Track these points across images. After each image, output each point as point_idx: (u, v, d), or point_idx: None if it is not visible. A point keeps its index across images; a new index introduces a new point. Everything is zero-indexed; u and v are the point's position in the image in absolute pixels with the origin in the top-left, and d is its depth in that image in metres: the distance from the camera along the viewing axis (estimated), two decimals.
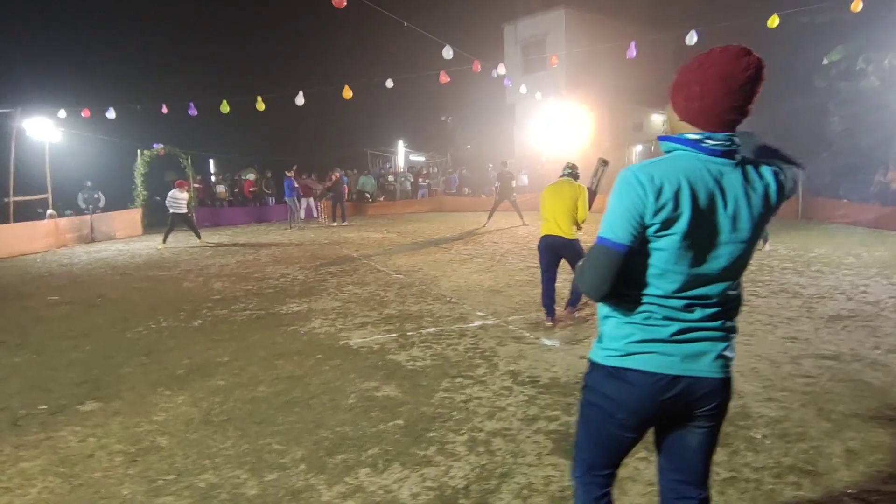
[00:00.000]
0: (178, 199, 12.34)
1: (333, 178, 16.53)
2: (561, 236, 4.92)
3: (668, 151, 1.43)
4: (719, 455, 2.79)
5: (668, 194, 1.33)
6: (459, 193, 22.48)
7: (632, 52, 11.81)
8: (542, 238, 5.10)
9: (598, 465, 1.60)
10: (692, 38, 10.92)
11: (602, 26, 22.61)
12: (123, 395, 3.87)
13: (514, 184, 14.28)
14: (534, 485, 2.58)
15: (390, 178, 23.01)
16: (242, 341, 5.06)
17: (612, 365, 1.46)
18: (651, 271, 1.40)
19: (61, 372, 4.43)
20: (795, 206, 13.81)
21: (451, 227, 14.47)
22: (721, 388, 1.46)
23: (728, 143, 1.37)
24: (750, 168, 1.41)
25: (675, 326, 1.41)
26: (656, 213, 1.34)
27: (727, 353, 1.46)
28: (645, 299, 1.42)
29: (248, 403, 3.63)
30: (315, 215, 19.07)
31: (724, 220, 1.37)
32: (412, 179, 22.85)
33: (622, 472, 2.63)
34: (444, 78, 13.68)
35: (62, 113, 14.84)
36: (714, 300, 1.42)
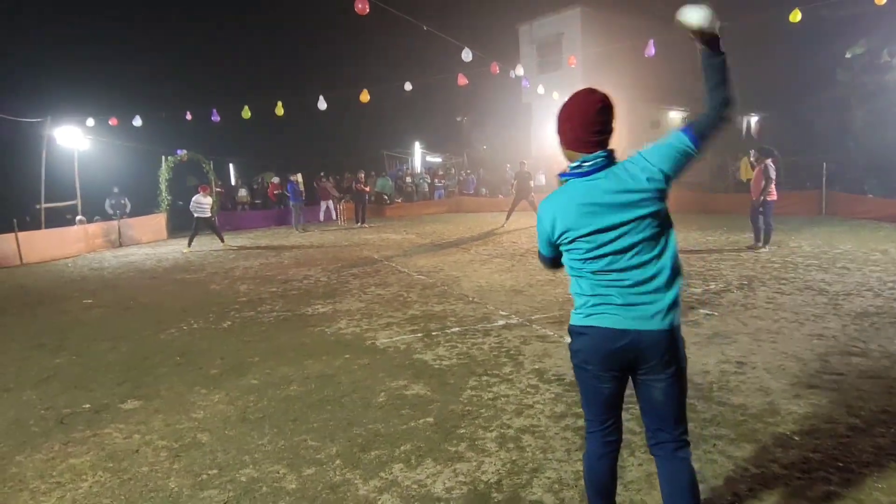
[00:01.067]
0: (202, 203, 12.60)
1: (361, 179, 16.73)
2: None
3: (566, 181, 1.90)
4: (746, 451, 2.83)
5: (556, 217, 1.85)
6: (477, 194, 22.53)
7: (650, 50, 11.76)
8: None
9: (593, 418, 1.97)
10: None
11: (618, 24, 22.51)
12: (162, 394, 4.01)
13: (531, 183, 14.29)
14: (564, 479, 2.64)
15: (408, 179, 23.16)
16: (271, 342, 5.19)
17: (579, 324, 1.89)
18: (578, 260, 1.86)
19: (101, 372, 4.61)
20: (819, 202, 13.63)
21: (469, 228, 14.54)
22: (664, 339, 1.79)
23: (598, 159, 1.81)
24: (618, 168, 1.81)
25: (615, 292, 1.80)
26: (553, 232, 1.88)
27: (666, 312, 1.79)
28: (590, 277, 1.86)
29: (282, 402, 3.75)
30: (334, 217, 19.29)
31: (606, 215, 1.78)
32: (429, 180, 22.96)
33: (651, 468, 2.68)
34: (463, 80, 13.76)
35: (90, 121, 15.25)
36: (638, 272, 1.79)
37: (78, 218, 14.59)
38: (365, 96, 14.11)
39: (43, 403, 3.98)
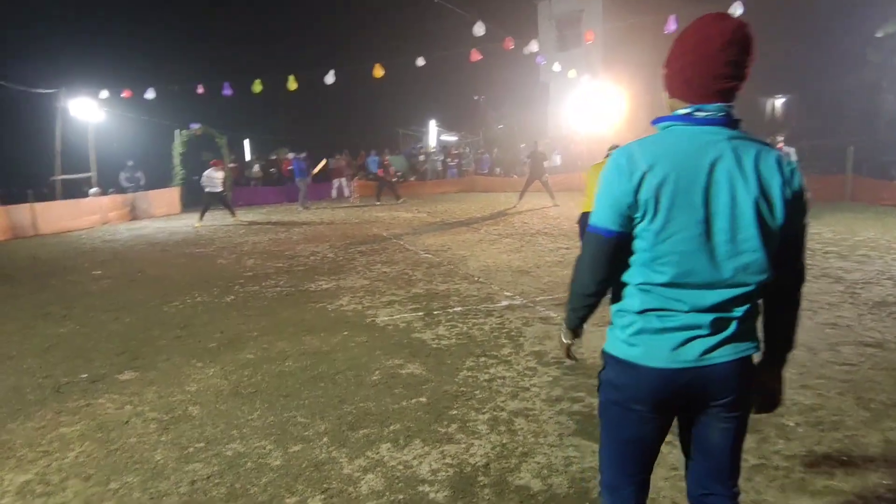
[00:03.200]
0: (214, 178, 12.61)
1: (384, 162, 16.79)
2: None
3: (668, 126, 1.37)
4: (748, 441, 2.71)
5: (642, 169, 1.28)
6: (491, 173, 22.28)
7: (671, 25, 11.36)
8: (583, 214, 5.29)
9: (623, 473, 1.49)
10: (737, 10, 10.41)
11: (641, 0, 21.79)
12: (159, 366, 4.01)
13: (545, 164, 14.04)
14: (554, 465, 2.56)
15: (421, 157, 22.95)
16: (272, 317, 5.17)
17: (625, 357, 1.40)
18: (641, 257, 1.34)
19: (102, 342, 4.62)
20: (842, 187, 13.19)
21: (481, 207, 14.38)
22: (735, 376, 1.36)
23: (720, 112, 1.29)
24: (749, 143, 1.30)
25: (679, 317, 1.33)
26: (636, 192, 1.29)
27: (740, 341, 1.36)
28: (646, 288, 1.36)
29: (276, 377, 3.72)
30: (346, 195, 19.23)
31: (718, 194, 1.27)
32: (443, 159, 22.74)
33: None
34: (476, 55, 13.48)
35: (104, 93, 15.28)
36: (725, 286, 1.31)
37: (92, 190, 14.73)
38: (378, 71, 13.90)
39: (42, 372, 4.00)
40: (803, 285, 1.45)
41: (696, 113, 1.31)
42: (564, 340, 1.64)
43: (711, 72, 1.28)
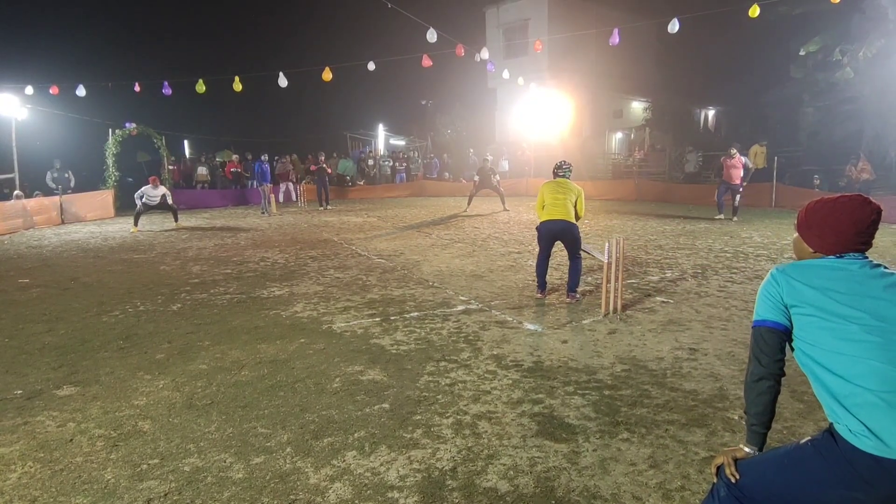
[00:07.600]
0: (152, 195, 12.06)
1: (321, 162, 16.38)
2: (561, 219, 5.32)
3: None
4: (697, 435, 2.88)
5: (793, 285, 1.58)
6: (440, 178, 22.41)
7: (615, 38, 11.83)
8: (542, 223, 5.47)
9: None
10: (674, 26, 10.98)
11: (585, 11, 22.59)
12: (102, 380, 3.80)
13: (494, 180, 14.16)
14: (519, 466, 2.62)
15: (370, 161, 22.79)
16: (224, 325, 5.00)
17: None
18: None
19: (35, 356, 4.33)
20: (769, 195, 14.14)
21: (431, 212, 14.43)
22: None
23: (862, 256, 1.62)
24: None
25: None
26: (788, 299, 1.58)
27: None
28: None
29: (232, 387, 3.60)
30: (294, 199, 18.84)
31: (870, 305, 1.49)
32: (392, 163, 22.67)
33: (606, 453, 2.69)
34: (427, 61, 13.54)
35: (29, 89, 14.28)
36: None
37: (15, 192, 13.73)
38: (327, 74, 13.70)
39: None
40: None
41: (845, 256, 1.60)
42: (747, 450, 1.64)
43: (860, 239, 1.60)
